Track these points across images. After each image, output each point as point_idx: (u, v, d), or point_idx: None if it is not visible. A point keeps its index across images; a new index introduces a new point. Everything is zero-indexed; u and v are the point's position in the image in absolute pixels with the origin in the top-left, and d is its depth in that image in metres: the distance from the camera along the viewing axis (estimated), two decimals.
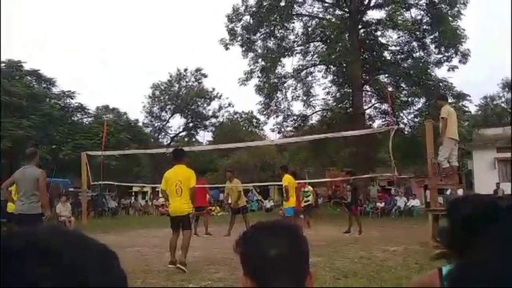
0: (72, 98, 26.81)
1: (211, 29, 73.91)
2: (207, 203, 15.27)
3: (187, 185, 7.36)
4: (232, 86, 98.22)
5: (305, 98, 28.49)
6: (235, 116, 48.42)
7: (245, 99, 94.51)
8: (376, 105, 28.18)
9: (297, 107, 50.99)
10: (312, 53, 28.15)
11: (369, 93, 28.22)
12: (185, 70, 45.64)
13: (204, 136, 48.18)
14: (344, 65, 25.90)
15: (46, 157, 22.03)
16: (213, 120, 47.01)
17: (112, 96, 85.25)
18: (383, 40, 26.85)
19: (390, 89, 24.92)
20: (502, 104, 45.07)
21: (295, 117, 29.02)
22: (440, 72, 25.45)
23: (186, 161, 7.97)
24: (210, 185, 19.52)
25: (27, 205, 6.88)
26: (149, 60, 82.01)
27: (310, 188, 17.03)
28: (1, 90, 19.68)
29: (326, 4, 27.47)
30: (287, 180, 11.68)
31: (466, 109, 25.78)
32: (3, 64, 23.47)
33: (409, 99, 25.78)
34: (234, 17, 26.79)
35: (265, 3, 25.93)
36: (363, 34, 27.08)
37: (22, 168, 7.31)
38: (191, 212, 7.76)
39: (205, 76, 45.95)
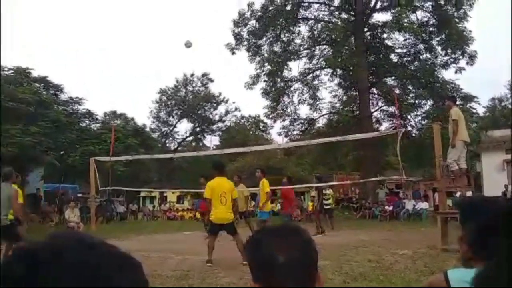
0: (80, 104, 26.92)
1: (218, 34, 74.18)
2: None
3: (230, 195, 8.23)
4: (239, 90, 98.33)
5: (311, 101, 28.47)
6: (242, 120, 48.42)
7: (251, 103, 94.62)
8: (383, 107, 28.11)
9: (304, 111, 50.83)
10: (318, 56, 28.17)
11: (376, 95, 28.15)
12: (192, 75, 45.77)
13: (211, 141, 48.21)
14: (351, 68, 25.87)
15: (55, 163, 22.14)
16: (220, 124, 47.03)
17: (119, 102, 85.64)
18: (389, 43, 26.83)
19: (397, 91, 24.85)
20: (510, 106, 44.73)
21: (301, 121, 29.01)
22: (447, 74, 25.39)
23: (226, 173, 8.91)
24: None
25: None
26: (155, 65, 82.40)
27: (330, 191, 16.46)
28: (0, 93, 19.76)
29: (332, 8, 27.49)
30: (266, 184, 11.47)
31: (474, 111, 25.64)
32: (11, 71, 23.63)
33: (416, 101, 25.70)
34: (240, 22, 26.88)
35: (270, 8, 26.01)
36: (369, 37, 27.06)
37: None
38: (234, 220, 8.52)
39: (211, 80, 46.03)
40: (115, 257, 0.64)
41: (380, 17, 26.92)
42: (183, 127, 60.36)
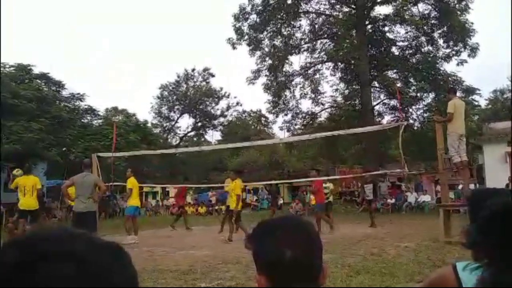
0: (81, 101, 26.96)
1: (218, 29, 73.96)
2: (185, 202, 18.52)
3: None
4: (240, 85, 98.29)
5: (313, 95, 28.46)
6: (244, 115, 48.38)
7: (253, 98, 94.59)
8: (385, 101, 28.08)
9: (306, 105, 50.87)
10: (319, 50, 28.13)
11: (378, 89, 28.09)
12: (193, 70, 45.70)
13: (213, 136, 48.23)
14: (352, 61, 25.81)
15: (57, 160, 22.19)
16: (222, 119, 47.00)
17: (121, 97, 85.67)
18: (390, 36, 26.76)
19: (398, 84, 24.79)
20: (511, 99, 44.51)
21: (303, 115, 28.99)
22: (449, 67, 25.35)
23: None
24: (220, 184, 19.66)
25: None
26: (156, 60, 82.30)
27: (330, 184, 15.45)
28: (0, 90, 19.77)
29: (333, 1, 27.37)
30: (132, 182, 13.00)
31: (476, 103, 25.59)
32: (12, 68, 23.66)
33: (418, 94, 25.63)
34: (241, 16, 26.80)
35: (271, 2, 25.90)
36: (370, 30, 26.96)
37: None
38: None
39: (212, 75, 45.97)
40: (98, 245, 0.64)
41: (381, 10, 26.81)
42: (185, 122, 60.49)
